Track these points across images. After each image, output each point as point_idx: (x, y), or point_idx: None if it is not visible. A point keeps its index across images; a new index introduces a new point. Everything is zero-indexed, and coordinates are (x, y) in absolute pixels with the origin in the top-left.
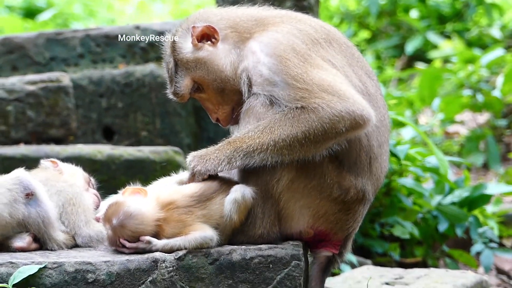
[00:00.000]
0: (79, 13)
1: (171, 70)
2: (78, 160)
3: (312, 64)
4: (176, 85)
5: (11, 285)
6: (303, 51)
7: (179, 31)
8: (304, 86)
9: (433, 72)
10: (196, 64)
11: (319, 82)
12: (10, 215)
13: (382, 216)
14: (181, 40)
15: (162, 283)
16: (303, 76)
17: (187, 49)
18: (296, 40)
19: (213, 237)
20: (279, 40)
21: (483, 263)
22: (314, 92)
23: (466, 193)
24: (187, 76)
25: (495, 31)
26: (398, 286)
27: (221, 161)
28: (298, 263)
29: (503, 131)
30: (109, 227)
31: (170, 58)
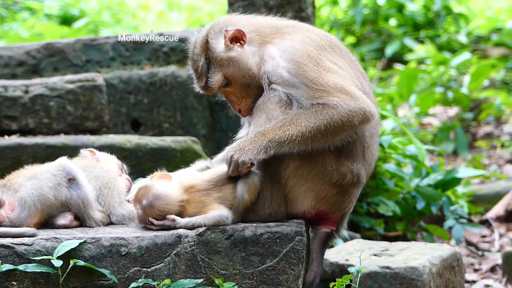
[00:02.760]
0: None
1: (202, 67)
2: (110, 148)
3: (324, 67)
4: (209, 79)
5: (56, 257)
6: (315, 56)
7: (211, 33)
8: (321, 87)
9: (410, 72)
10: (228, 62)
11: (333, 83)
12: (55, 197)
13: (369, 196)
14: (214, 41)
15: (185, 256)
16: (319, 79)
17: (220, 48)
18: (309, 47)
19: (228, 216)
20: (295, 47)
21: (454, 236)
22: (331, 92)
23: (440, 177)
24: (219, 72)
25: (462, 37)
26: (385, 257)
27: (259, 151)
28: (301, 238)
29: (470, 123)
30: (139, 207)
31: (201, 56)
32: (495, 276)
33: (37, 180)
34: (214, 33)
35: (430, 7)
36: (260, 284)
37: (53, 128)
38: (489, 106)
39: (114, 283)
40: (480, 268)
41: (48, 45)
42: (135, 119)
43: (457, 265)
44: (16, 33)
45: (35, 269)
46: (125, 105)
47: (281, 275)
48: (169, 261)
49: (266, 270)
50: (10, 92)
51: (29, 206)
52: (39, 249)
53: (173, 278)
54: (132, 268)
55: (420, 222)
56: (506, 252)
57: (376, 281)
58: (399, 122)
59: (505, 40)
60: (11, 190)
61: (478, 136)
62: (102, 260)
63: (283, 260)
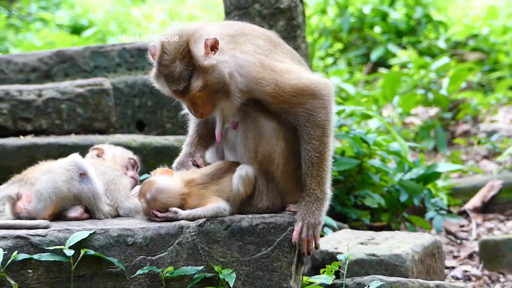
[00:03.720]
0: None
1: (182, 72)
2: None
3: (279, 71)
4: (191, 85)
5: (67, 247)
6: (267, 63)
7: (192, 40)
8: (283, 93)
9: (393, 76)
10: (210, 69)
11: (292, 85)
12: (68, 189)
13: (356, 189)
14: (195, 48)
15: (186, 245)
16: (279, 86)
17: (201, 56)
18: (260, 56)
19: (226, 208)
20: (248, 61)
21: (435, 226)
22: (296, 97)
23: (421, 171)
24: (200, 78)
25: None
26: (371, 245)
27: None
28: (293, 228)
29: (449, 122)
30: (143, 200)
31: (181, 61)
32: (472, 262)
33: (52, 175)
34: (194, 40)
35: (411, 15)
36: (256, 271)
37: (64, 128)
38: (467, 106)
39: (122, 271)
40: (459, 255)
41: (59, 53)
42: (140, 120)
43: (437, 252)
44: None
45: (48, 258)
46: (130, 107)
47: (275, 262)
48: (172, 250)
49: (261, 258)
50: (24, 95)
51: (45, 198)
52: (52, 239)
53: (176, 265)
54: (138, 256)
55: (403, 213)
56: (482, 241)
57: (363, 267)
58: (383, 121)
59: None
60: (28, 184)
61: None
62: (111, 250)
63: (277, 249)
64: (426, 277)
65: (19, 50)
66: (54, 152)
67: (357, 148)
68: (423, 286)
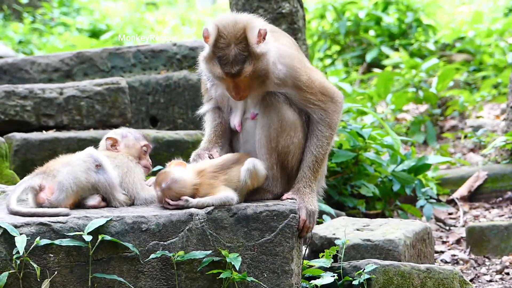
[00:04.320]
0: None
1: (238, 55)
2: None
3: (310, 68)
4: (244, 69)
5: (86, 233)
6: (300, 57)
7: (248, 28)
8: (311, 90)
9: (386, 75)
10: (261, 57)
11: (319, 84)
12: (86, 179)
13: (352, 180)
14: (251, 35)
15: (196, 231)
16: (309, 82)
17: (254, 43)
18: (294, 50)
19: (234, 197)
20: (288, 52)
21: (425, 214)
22: (318, 95)
23: (412, 163)
24: (252, 64)
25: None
26: (366, 231)
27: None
28: (295, 215)
29: (438, 118)
30: (159, 189)
31: (237, 46)
32: (460, 247)
33: (71, 167)
34: (250, 28)
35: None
36: (260, 255)
37: (84, 124)
38: (454, 103)
39: (136, 255)
40: (448, 241)
41: (79, 54)
42: (153, 116)
43: (427, 238)
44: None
45: (68, 243)
46: (144, 104)
47: (278, 247)
48: (182, 236)
49: (265, 243)
50: (47, 94)
51: (66, 188)
52: (72, 226)
53: (186, 250)
54: (151, 241)
55: (396, 202)
56: (469, 227)
57: (359, 251)
58: (377, 117)
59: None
60: (50, 176)
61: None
62: (126, 235)
63: (280, 234)
64: (417, 260)
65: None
66: (74, 145)
67: (353, 142)
68: (414, 269)
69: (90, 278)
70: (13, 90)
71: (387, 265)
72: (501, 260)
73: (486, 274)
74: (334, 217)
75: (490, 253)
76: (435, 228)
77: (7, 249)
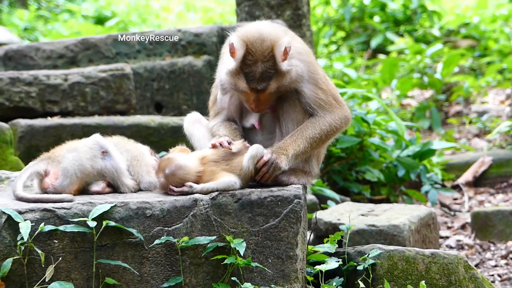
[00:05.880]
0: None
1: (264, 73)
2: (137, 126)
3: (327, 83)
4: (269, 85)
5: (90, 219)
6: (322, 74)
7: (276, 46)
8: (327, 99)
9: (391, 61)
10: (285, 73)
11: (333, 95)
12: (92, 166)
13: (357, 165)
14: (277, 53)
15: (200, 217)
16: (326, 93)
17: (281, 62)
18: (318, 67)
19: (237, 182)
20: (305, 49)
21: (430, 199)
22: (332, 104)
23: (417, 148)
24: (276, 81)
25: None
26: (371, 216)
27: (288, 161)
28: (299, 201)
29: (443, 103)
30: (162, 175)
31: (265, 63)
32: (465, 232)
33: (77, 153)
34: (277, 46)
35: (408, 5)
36: (264, 240)
37: (88, 110)
38: (459, 89)
39: (141, 240)
40: (452, 226)
41: (84, 40)
42: (158, 102)
43: (432, 223)
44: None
45: (73, 229)
46: (149, 90)
47: (282, 232)
48: (187, 221)
49: (270, 228)
50: (52, 80)
51: (71, 174)
52: (77, 212)
53: (191, 235)
54: (156, 227)
55: (401, 187)
56: (474, 212)
57: (364, 237)
58: (382, 103)
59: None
60: (55, 162)
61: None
62: (130, 221)
63: (284, 220)
64: (422, 246)
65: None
66: (79, 132)
67: (358, 127)
68: (419, 254)
69: (94, 264)
70: (18, 76)
71: (391, 250)
72: (506, 245)
73: (491, 259)
74: (339, 203)
75: (495, 238)
76: (440, 214)
77: (11, 235)
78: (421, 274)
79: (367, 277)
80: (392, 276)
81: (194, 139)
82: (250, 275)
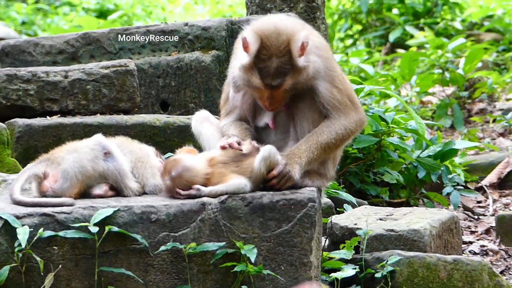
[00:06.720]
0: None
1: (280, 68)
2: (141, 126)
3: (345, 83)
4: (285, 82)
5: (92, 224)
6: (340, 73)
7: (293, 41)
8: (343, 101)
9: (411, 56)
10: (302, 70)
11: (350, 96)
12: (93, 168)
13: (375, 166)
14: (294, 48)
15: (208, 221)
16: (343, 94)
17: (297, 57)
18: (335, 65)
19: (247, 184)
20: (323, 44)
21: (452, 201)
22: (348, 105)
23: (438, 148)
24: (293, 77)
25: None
26: (389, 221)
27: (300, 170)
28: (313, 204)
29: (465, 100)
30: (168, 178)
31: (281, 58)
32: (489, 237)
33: (78, 154)
34: (294, 41)
35: None
36: (276, 246)
37: (90, 109)
38: (483, 85)
39: (145, 247)
40: (476, 231)
41: (85, 35)
42: (164, 100)
43: (454, 227)
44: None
45: (74, 235)
46: (154, 87)
47: (296, 238)
48: (194, 226)
49: (282, 234)
50: (51, 77)
51: (71, 177)
52: (77, 217)
53: (198, 241)
54: (161, 233)
55: (421, 189)
56: (499, 216)
57: (382, 242)
58: (401, 100)
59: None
60: (55, 164)
61: (473, 112)
62: (134, 226)
63: (297, 224)
64: (444, 252)
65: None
66: (80, 132)
67: (376, 126)
68: (440, 260)
69: (96, 271)
70: (16, 73)
71: (411, 257)
72: None
73: None
74: (356, 206)
75: None
76: (462, 217)
77: (8, 241)
78: (443, 282)
79: (385, 285)
80: (412, 284)
81: (202, 139)
82: (262, 284)
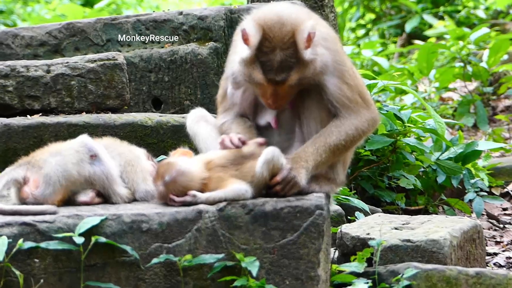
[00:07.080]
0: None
1: (284, 62)
2: (132, 126)
3: (356, 78)
4: (290, 77)
5: (77, 234)
6: (352, 68)
7: (298, 31)
8: (354, 98)
9: (430, 48)
10: (308, 63)
11: (361, 92)
12: (78, 172)
13: (390, 170)
14: (300, 40)
15: (205, 231)
16: (354, 90)
17: (303, 49)
18: (346, 59)
19: (248, 190)
20: (331, 35)
21: (475, 209)
22: (359, 103)
23: (460, 150)
24: (299, 71)
25: (481, 12)
26: (405, 230)
27: (307, 176)
28: (321, 212)
29: (490, 97)
30: (161, 183)
31: (285, 51)
32: None
33: (61, 157)
34: (299, 31)
35: None
36: (281, 258)
37: (74, 107)
38: (509, 79)
39: (136, 259)
40: (502, 241)
41: (69, 25)
42: (156, 97)
43: (477, 237)
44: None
45: (56, 246)
46: (146, 83)
47: (302, 249)
48: (190, 237)
49: (287, 244)
50: (32, 72)
51: (54, 182)
52: (61, 226)
53: (194, 253)
54: (153, 244)
55: (441, 195)
56: None
57: (397, 254)
58: (417, 97)
59: None
60: (36, 168)
61: (498, 109)
62: (124, 237)
63: (304, 234)
64: (466, 264)
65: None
66: (63, 132)
67: (390, 126)
68: (462, 273)
69: (82, 287)
70: None
71: (430, 270)
72: None
73: None
74: (369, 214)
75: None
76: (486, 226)
77: None
78: None
79: None
80: None
81: (198, 140)
82: None
